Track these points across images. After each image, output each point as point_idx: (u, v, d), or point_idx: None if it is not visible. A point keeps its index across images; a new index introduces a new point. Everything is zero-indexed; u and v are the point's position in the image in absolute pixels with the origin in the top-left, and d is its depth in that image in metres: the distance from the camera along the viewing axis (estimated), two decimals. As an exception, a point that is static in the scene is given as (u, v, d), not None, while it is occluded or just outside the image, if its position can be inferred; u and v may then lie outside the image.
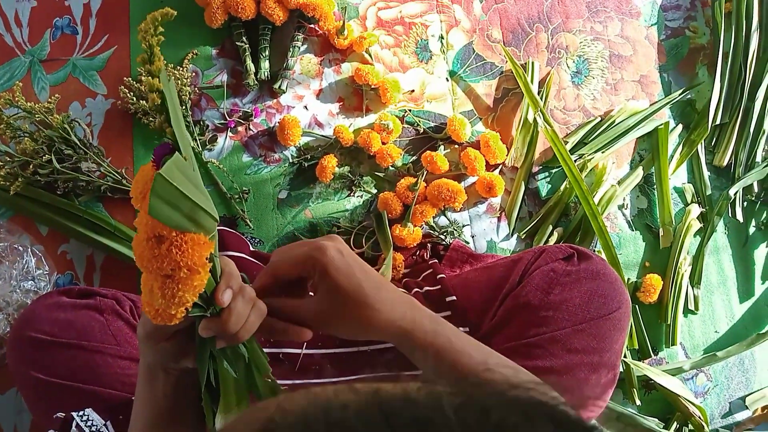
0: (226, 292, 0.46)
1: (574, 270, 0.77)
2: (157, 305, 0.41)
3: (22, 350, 0.70)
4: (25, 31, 1.01)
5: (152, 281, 0.41)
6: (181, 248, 0.40)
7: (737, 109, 1.05)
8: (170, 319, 0.42)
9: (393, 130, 0.97)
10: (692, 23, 1.13)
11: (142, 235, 0.40)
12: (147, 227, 0.40)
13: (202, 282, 0.42)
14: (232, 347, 0.49)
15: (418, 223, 0.95)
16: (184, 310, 0.42)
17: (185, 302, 0.41)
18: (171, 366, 0.51)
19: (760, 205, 1.05)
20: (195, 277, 0.41)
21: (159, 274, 0.41)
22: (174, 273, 0.40)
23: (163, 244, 0.40)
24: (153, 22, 0.39)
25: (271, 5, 0.96)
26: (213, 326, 0.46)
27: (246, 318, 0.47)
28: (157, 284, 0.41)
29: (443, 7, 1.07)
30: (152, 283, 0.41)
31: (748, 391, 0.99)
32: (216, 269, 0.46)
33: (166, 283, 0.41)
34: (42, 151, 0.89)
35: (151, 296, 0.41)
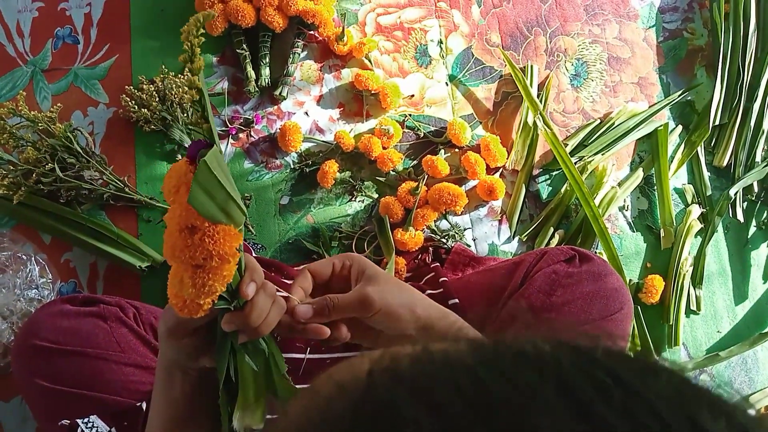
0: (250, 285, 0.47)
1: (576, 272, 0.78)
2: (186, 295, 0.43)
3: (27, 358, 0.70)
4: (27, 41, 1.02)
5: (182, 272, 0.43)
6: (213, 238, 0.42)
7: (736, 110, 1.06)
8: (197, 311, 0.43)
9: (393, 134, 0.97)
10: (690, 25, 1.13)
11: (175, 227, 0.42)
12: (180, 219, 0.42)
13: (231, 271, 0.44)
14: (252, 343, 0.50)
15: (420, 227, 0.96)
16: (211, 302, 0.44)
17: (214, 291, 0.43)
18: (190, 365, 0.52)
19: (760, 205, 1.06)
20: (225, 266, 0.43)
21: (190, 264, 0.42)
22: (205, 263, 0.42)
23: (196, 235, 0.41)
24: (196, 23, 0.41)
25: (270, 12, 0.97)
26: (236, 319, 0.47)
27: (267, 312, 0.48)
28: (187, 274, 0.42)
29: (442, 12, 1.08)
30: (182, 274, 0.43)
31: (751, 391, 0.99)
32: (241, 263, 0.47)
33: (197, 273, 0.42)
34: (45, 160, 0.89)
35: (181, 287, 0.43)
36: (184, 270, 0.43)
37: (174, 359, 0.52)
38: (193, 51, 0.41)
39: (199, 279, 0.42)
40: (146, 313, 0.77)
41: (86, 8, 1.03)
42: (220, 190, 0.41)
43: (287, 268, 0.92)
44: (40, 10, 1.03)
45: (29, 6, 1.04)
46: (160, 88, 0.95)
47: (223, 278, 0.43)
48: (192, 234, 0.42)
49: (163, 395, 0.54)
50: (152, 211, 0.94)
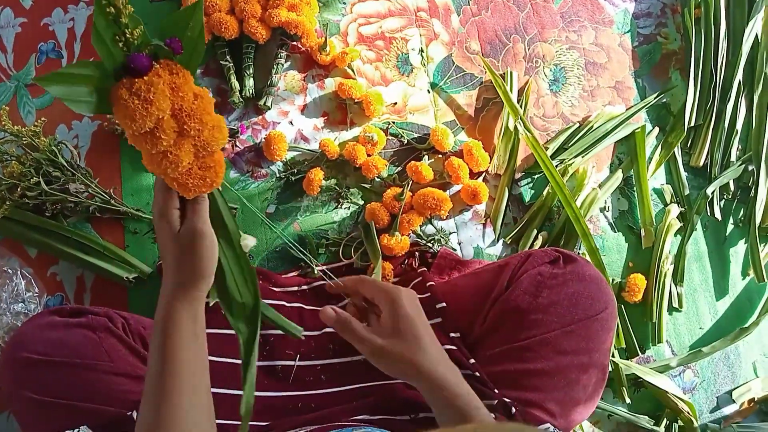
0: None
1: (561, 273, 0.79)
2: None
3: (15, 371, 0.70)
4: (9, 56, 1.02)
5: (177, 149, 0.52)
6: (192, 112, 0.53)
7: (710, 111, 1.09)
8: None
9: (377, 142, 0.99)
10: (663, 30, 1.17)
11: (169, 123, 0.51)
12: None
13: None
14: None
15: (406, 232, 0.97)
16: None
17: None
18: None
19: (736, 203, 1.08)
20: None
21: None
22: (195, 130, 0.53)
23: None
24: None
25: (253, 24, 0.98)
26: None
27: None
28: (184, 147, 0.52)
29: (422, 21, 1.10)
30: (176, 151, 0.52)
31: (734, 385, 1.01)
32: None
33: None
34: (30, 173, 0.89)
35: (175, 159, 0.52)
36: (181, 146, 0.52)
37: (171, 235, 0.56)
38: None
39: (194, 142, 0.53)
40: (135, 323, 0.77)
41: (69, 23, 1.04)
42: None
43: (275, 276, 0.92)
44: (23, 26, 1.04)
45: (12, 22, 1.04)
46: (144, 100, 0.96)
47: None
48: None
49: (166, 346, 0.55)
50: (139, 223, 0.95)
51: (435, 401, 0.61)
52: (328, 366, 0.83)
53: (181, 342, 0.55)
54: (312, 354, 0.83)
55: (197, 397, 0.55)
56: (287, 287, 0.91)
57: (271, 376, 0.81)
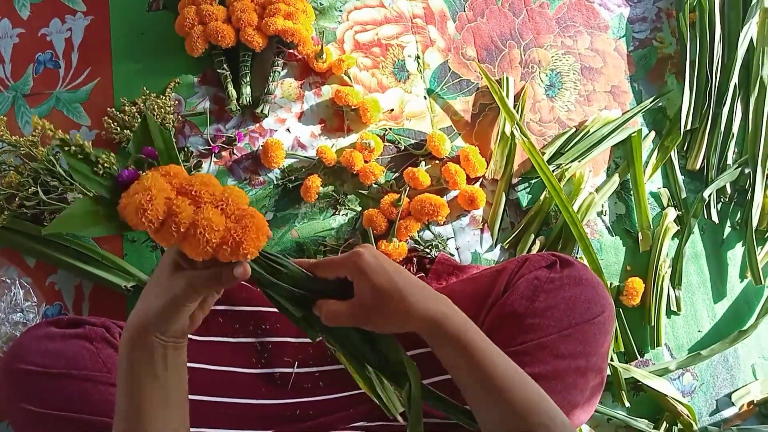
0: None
1: (557, 277, 0.79)
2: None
3: (13, 383, 0.70)
4: (7, 67, 1.03)
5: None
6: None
7: (706, 115, 1.09)
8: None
9: (374, 148, 0.99)
10: (659, 34, 1.17)
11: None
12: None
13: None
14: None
15: (403, 238, 0.97)
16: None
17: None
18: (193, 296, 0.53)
19: (733, 206, 1.08)
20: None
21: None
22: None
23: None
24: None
25: (250, 32, 0.99)
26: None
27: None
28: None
29: (418, 28, 1.10)
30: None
31: (733, 388, 1.01)
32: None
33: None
34: (28, 183, 0.90)
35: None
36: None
37: (183, 290, 0.52)
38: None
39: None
40: (132, 332, 0.77)
41: (67, 33, 1.05)
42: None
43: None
44: (20, 36, 1.04)
45: (9, 32, 1.05)
46: (142, 109, 0.96)
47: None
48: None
49: (139, 374, 0.53)
50: (137, 232, 0.95)
51: (441, 343, 0.58)
52: (326, 372, 0.83)
53: (142, 381, 0.53)
54: (310, 361, 0.83)
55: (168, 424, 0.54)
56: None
57: (270, 384, 0.81)
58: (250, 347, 0.84)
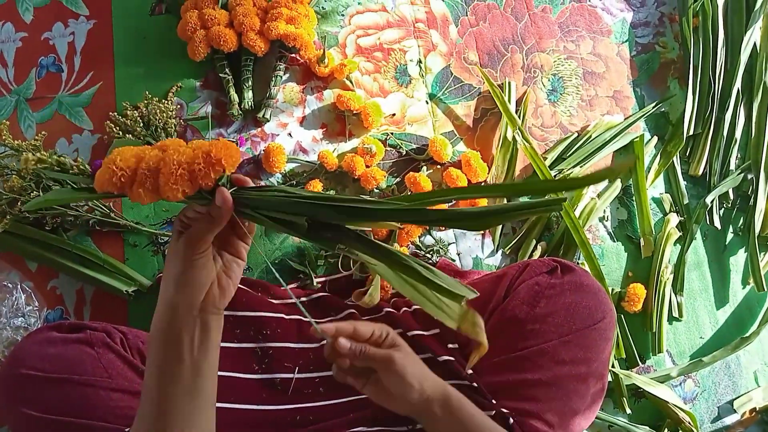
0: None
1: (558, 282, 0.79)
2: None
3: (14, 388, 0.70)
4: (10, 71, 1.03)
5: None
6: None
7: (709, 120, 1.09)
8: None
9: (376, 153, 0.99)
10: (661, 39, 1.17)
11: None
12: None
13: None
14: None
15: (405, 243, 0.97)
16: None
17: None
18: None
19: (736, 211, 1.08)
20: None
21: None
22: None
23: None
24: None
25: (252, 37, 0.99)
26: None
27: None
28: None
29: (420, 32, 1.10)
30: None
31: (735, 395, 1.00)
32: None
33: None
34: (30, 187, 0.90)
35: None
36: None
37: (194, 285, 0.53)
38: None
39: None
40: (133, 338, 0.77)
41: (69, 37, 1.05)
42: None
43: (274, 288, 0.92)
44: (23, 40, 1.05)
45: (12, 36, 1.05)
46: (144, 113, 0.97)
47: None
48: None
49: (167, 358, 0.53)
50: (138, 236, 0.95)
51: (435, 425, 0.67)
52: (326, 378, 0.83)
53: (171, 367, 0.53)
54: (311, 366, 0.83)
55: (195, 417, 0.54)
56: (286, 299, 0.91)
57: (270, 389, 0.81)
58: (250, 353, 0.84)
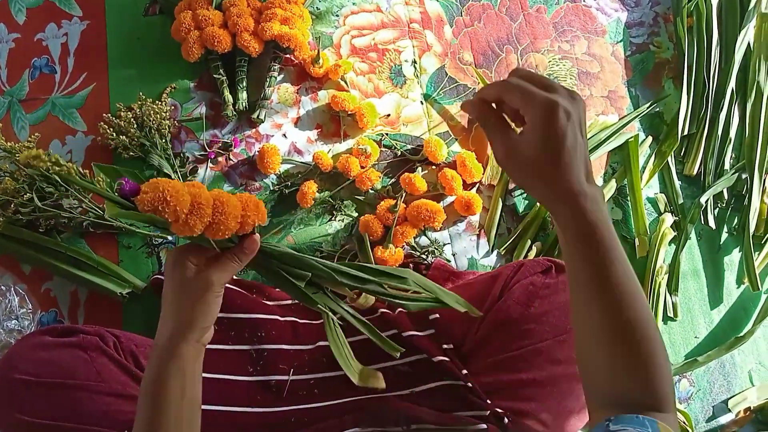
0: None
1: (553, 282, 0.79)
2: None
3: (6, 393, 0.70)
4: (3, 72, 1.02)
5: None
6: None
7: (704, 120, 1.09)
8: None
9: (371, 154, 0.99)
10: (656, 39, 1.17)
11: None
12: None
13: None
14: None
15: (400, 243, 0.97)
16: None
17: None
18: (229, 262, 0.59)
19: (730, 211, 1.08)
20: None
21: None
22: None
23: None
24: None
25: (246, 38, 0.99)
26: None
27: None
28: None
29: (415, 33, 1.10)
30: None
31: (730, 394, 1.00)
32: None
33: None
34: (23, 189, 0.89)
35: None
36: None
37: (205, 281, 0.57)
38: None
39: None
40: (126, 341, 0.77)
41: (63, 38, 1.04)
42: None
43: (268, 289, 0.92)
44: (16, 41, 1.04)
45: (5, 37, 1.05)
46: (137, 114, 0.96)
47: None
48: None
49: (162, 392, 0.55)
50: (132, 238, 0.95)
51: (568, 223, 0.52)
52: (321, 379, 0.83)
53: (168, 399, 0.55)
54: (305, 368, 0.83)
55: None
56: (281, 301, 0.91)
57: (265, 391, 0.81)
58: (245, 355, 0.83)
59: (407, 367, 0.81)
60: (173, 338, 0.56)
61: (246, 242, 0.60)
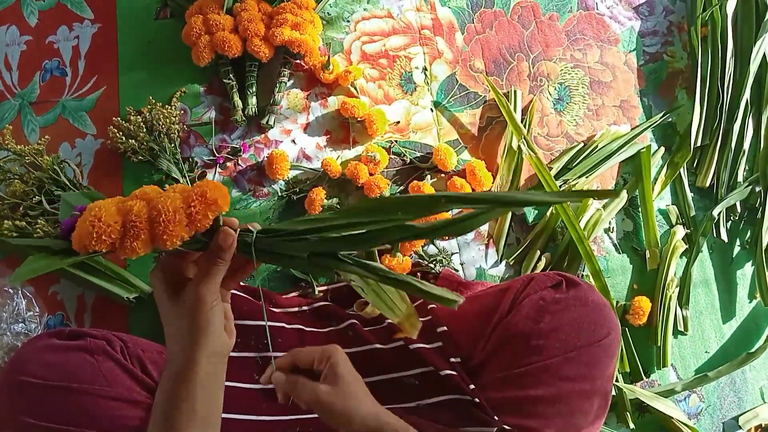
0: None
1: (563, 298, 0.78)
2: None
3: (13, 396, 0.69)
4: (14, 74, 1.03)
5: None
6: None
7: (717, 131, 1.07)
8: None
9: (380, 161, 0.98)
10: (670, 48, 1.16)
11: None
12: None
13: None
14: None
15: (407, 252, 0.96)
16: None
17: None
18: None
19: (743, 224, 1.07)
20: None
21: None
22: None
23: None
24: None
25: (257, 43, 0.98)
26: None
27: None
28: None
29: (426, 39, 1.10)
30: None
31: (740, 411, 0.99)
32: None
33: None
34: (32, 192, 0.90)
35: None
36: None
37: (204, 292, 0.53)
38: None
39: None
40: (133, 345, 0.77)
41: (74, 41, 1.04)
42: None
43: (275, 297, 0.92)
44: (28, 44, 1.04)
45: (17, 39, 1.05)
46: (147, 119, 0.96)
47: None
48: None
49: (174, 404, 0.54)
50: (140, 242, 0.94)
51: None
52: None
53: (180, 420, 0.53)
54: (308, 377, 0.82)
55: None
56: (288, 308, 0.90)
57: (270, 399, 0.81)
58: (251, 362, 0.83)
59: (414, 379, 0.80)
60: (181, 362, 0.53)
61: (217, 238, 0.53)
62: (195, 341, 0.53)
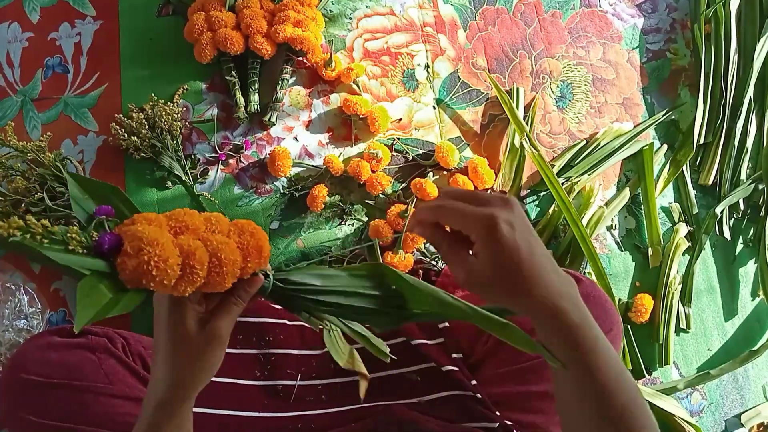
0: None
1: (565, 294, 0.78)
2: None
3: (15, 393, 0.69)
4: (16, 71, 1.03)
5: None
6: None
7: (720, 129, 1.07)
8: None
9: (382, 158, 0.98)
10: (673, 45, 1.15)
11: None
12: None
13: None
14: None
15: (410, 249, 0.96)
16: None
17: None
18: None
19: (746, 222, 1.07)
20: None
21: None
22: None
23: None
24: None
25: (259, 40, 0.98)
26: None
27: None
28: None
29: (428, 36, 1.10)
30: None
31: (743, 409, 0.99)
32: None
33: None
34: (34, 189, 0.90)
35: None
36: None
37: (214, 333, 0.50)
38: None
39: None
40: (135, 342, 0.77)
41: (76, 38, 1.04)
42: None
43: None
44: (30, 40, 1.04)
45: (19, 36, 1.05)
46: (149, 115, 0.96)
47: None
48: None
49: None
50: (142, 239, 0.94)
51: (550, 334, 0.49)
52: (329, 385, 0.82)
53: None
54: (313, 373, 0.82)
55: None
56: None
57: (272, 396, 0.80)
58: (253, 359, 0.83)
59: (416, 375, 0.80)
60: (170, 399, 0.51)
61: (247, 284, 0.51)
62: (194, 379, 0.51)
